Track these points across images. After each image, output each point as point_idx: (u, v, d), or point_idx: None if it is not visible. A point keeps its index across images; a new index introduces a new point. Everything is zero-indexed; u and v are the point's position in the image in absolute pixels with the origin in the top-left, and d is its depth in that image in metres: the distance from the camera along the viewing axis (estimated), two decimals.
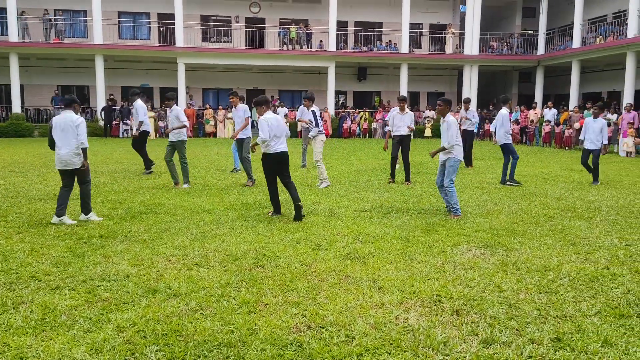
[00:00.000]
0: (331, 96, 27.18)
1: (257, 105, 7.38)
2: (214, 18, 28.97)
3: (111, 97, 25.51)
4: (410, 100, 28.94)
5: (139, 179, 10.96)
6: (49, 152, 14.05)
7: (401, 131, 10.47)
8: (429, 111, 27.97)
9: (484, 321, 3.78)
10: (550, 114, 22.93)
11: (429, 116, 27.24)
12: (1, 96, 27.10)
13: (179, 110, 9.91)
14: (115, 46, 26.02)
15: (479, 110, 25.71)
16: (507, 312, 3.94)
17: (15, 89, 24.43)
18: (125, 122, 23.90)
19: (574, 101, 24.74)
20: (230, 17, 28.94)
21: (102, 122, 24.36)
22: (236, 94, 10.95)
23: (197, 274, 4.76)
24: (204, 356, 3.25)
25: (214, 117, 25.79)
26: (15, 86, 24.45)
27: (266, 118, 7.15)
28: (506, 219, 7.26)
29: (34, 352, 3.28)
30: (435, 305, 4.08)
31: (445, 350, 3.33)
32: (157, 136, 24.38)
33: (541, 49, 28.23)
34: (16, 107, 24.54)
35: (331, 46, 27.05)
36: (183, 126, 9.69)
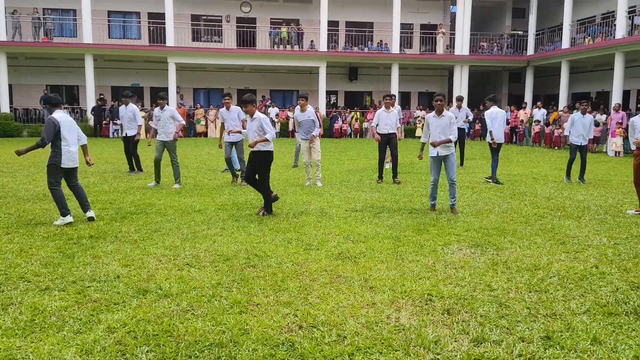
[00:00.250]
0: (322, 96, 27.19)
1: (249, 104, 7.36)
2: (205, 17, 28.88)
3: (101, 97, 25.36)
4: (402, 100, 29.06)
5: (129, 179, 10.90)
6: (37, 152, 13.79)
7: (387, 129, 10.50)
8: (420, 111, 28.06)
9: (474, 320, 3.80)
10: (540, 114, 23.11)
11: (419, 116, 27.32)
12: None
13: (173, 110, 9.98)
14: (105, 45, 25.86)
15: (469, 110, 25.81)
16: (497, 311, 3.96)
17: (3, 89, 24.21)
18: (116, 122, 23.74)
19: (563, 101, 24.95)
20: (221, 16, 28.87)
21: (92, 122, 24.22)
22: (231, 95, 10.94)
23: (188, 274, 4.74)
24: (195, 356, 3.24)
25: (205, 117, 25.71)
26: (4, 85, 24.24)
27: (265, 116, 7.37)
28: (496, 218, 7.31)
29: (23, 353, 3.25)
30: (427, 305, 4.09)
31: (437, 349, 3.35)
32: (147, 136, 24.24)
33: (531, 50, 28.43)
34: (4, 107, 24.32)
35: (322, 46, 27.06)
36: (182, 126, 9.74)
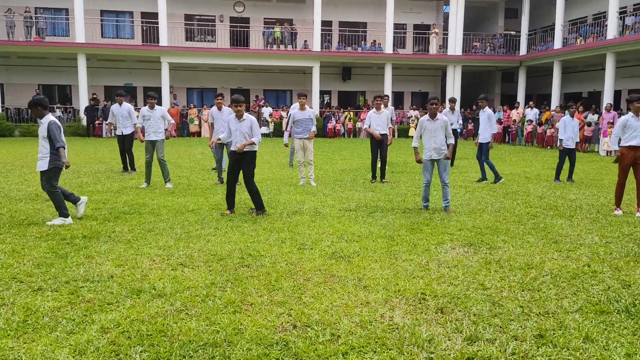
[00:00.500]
0: (316, 96, 27.19)
1: (243, 103, 7.33)
2: (198, 17, 28.81)
3: (94, 97, 25.22)
4: (395, 100, 29.11)
5: (123, 179, 10.87)
6: (30, 152, 13.82)
7: (379, 130, 10.51)
8: (414, 111, 28.13)
9: (468, 319, 3.81)
10: (532, 113, 23.23)
11: (413, 116, 27.38)
12: None
13: (163, 110, 10.17)
14: (97, 45, 25.73)
15: (462, 109, 25.91)
16: (490, 310, 3.98)
17: None
18: (108, 122, 23.61)
19: (555, 101, 25.08)
20: (215, 16, 28.81)
21: (84, 121, 24.09)
22: (223, 95, 10.93)
23: (181, 274, 4.73)
24: (189, 356, 3.24)
25: (198, 116, 25.65)
26: None
27: (254, 118, 7.38)
28: (489, 217, 7.34)
29: (15, 354, 3.23)
30: (420, 304, 4.10)
31: (430, 348, 3.36)
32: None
33: (523, 50, 28.57)
34: None
35: (316, 46, 27.07)
36: (174, 126, 9.76)
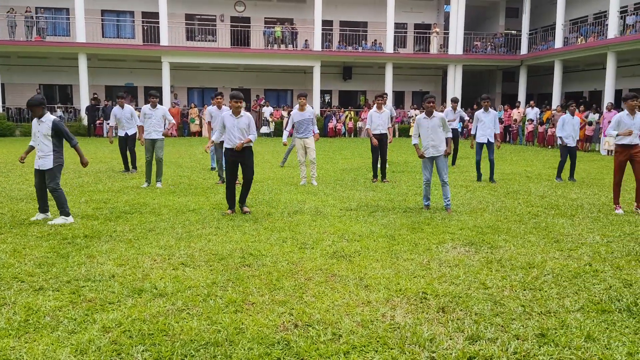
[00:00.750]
0: (317, 95, 27.18)
1: (241, 99, 7.30)
2: (199, 17, 28.79)
3: (95, 97, 25.22)
4: (396, 100, 29.10)
5: (124, 178, 10.87)
6: (31, 152, 13.61)
7: (380, 129, 10.51)
8: (414, 110, 28.10)
9: (469, 318, 3.81)
10: (533, 113, 23.21)
11: (414, 115, 27.36)
12: None
13: (164, 109, 10.17)
14: (98, 45, 25.73)
15: (463, 109, 25.86)
16: (492, 309, 3.98)
17: None
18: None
19: (556, 100, 25.06)
20: (215, 16, 28.79)
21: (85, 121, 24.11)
22: (222, 94, 10.92)
23: (183, 274, 4.74)
24: (190, 356, 3.24)
25: (199, 116, 25.65)
26: None
27: (251, 116, 7.34)
28: (490, 216, 7.33)
29: (17, 354, 3.23)
30: (421, 303, 4.10)
31: (432, 347, 3.36)
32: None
33: (524, 49, 28.53)
34: None
35: (316, 45, 27.06)
36: (175, 125, 9.78)
